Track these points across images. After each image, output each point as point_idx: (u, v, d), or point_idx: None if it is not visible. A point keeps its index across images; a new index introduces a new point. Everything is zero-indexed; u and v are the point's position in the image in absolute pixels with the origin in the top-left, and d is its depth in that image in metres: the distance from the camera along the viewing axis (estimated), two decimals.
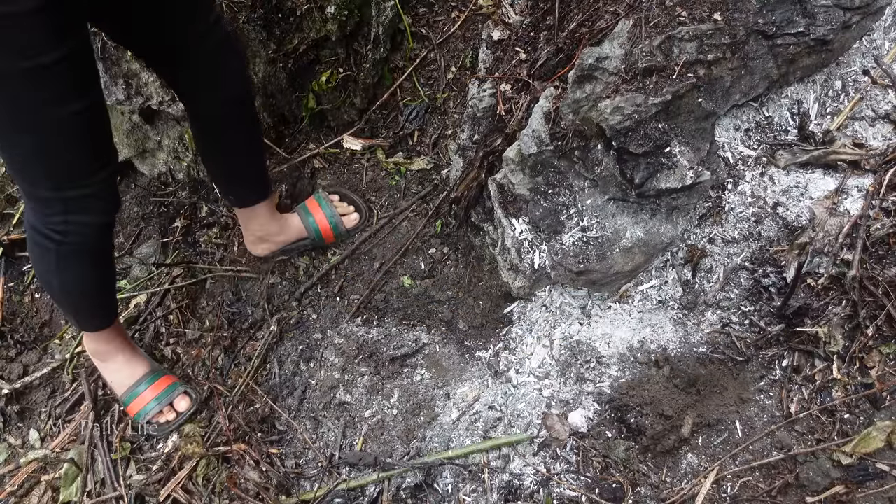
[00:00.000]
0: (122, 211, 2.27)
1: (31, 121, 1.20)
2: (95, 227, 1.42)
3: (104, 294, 1.67)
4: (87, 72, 1.24)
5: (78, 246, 1.45)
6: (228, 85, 1.54)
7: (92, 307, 1.69)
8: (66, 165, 1.29)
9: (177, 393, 1.83)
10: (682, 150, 1.49)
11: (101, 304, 1.69)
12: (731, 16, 1.42)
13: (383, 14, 2.02)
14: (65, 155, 1.27)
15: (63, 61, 1.13)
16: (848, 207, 1.56)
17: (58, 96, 1.17)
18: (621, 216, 1.59)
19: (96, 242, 1.48)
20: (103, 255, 1.55)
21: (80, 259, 1.49)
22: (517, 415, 1.71)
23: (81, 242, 1.44)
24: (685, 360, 1.65)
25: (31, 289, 2.22)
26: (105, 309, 1.71)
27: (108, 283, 1.65)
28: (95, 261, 1.54)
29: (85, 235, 1.43)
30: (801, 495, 1.49)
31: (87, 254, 1.50)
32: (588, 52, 1.47)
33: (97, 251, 1.51)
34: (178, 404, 1.83)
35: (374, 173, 2.16)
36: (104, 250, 1.55)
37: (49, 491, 1.80)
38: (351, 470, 1.72)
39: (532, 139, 1.56)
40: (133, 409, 1.81)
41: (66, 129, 1.23)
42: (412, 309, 1.93)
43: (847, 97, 1.61)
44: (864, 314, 1.52)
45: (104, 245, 1.53)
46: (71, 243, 1.43)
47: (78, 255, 1.48)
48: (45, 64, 1.10)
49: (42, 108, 1.17)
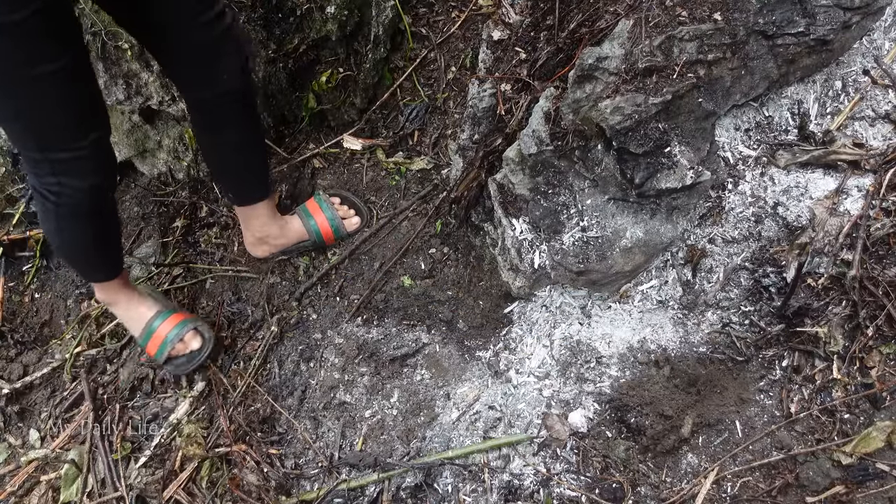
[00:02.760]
0: (123, 211, 2.27)
1: (6, 81, 1.18)
2: (87, 189, 1.42)
3: (107, 249, 1.69)
4: (65, 31, 1.21)
5: (74, 207, 1.45)
6: (227, 79, 1.53)
7: (95, 262, 1.72)
8: (51, 128, 1.28)
9: (187, 329, 1.86)
10: (682, 150, 1.49)
11: (104, 259, 1.72)
12: (732, 16, 1.42)
13: (383, 14, 2.02)
14: (47, 117, 1.26)
15: (36, 16, 1.09)
16: (848, 207, 1.56)
17: (31, 56, 1.14)
18: (621, 216, 1.59)
19: (92, 204, 1.48)
20: (101, 215, 1.56)
21: (77, 219, 1.51)
22: (517, 415, 1.71)
23: (76, 204, 1.44)
24: (685, 360, 1.65)
25: (31, 289, 2.22)
26: (109, 262, 1.73)
27: (110, 240, 1.67)
28: (94, 221, 1.55)
29: (78, 198, 1.43)
30: (801, 495, 1.49)
31: (85, 215, 1.50)
32: (588, 52, 1.47)
33: (94, 212, 1.52)
34: (190, 342, 1.86)
35: (374, 173, 2.16)
36: (101, 211, 1.54)
37: (49, 491, 1.80)
38: (351, 470, 1.72)
39: (532, 139, 1.56)
40: (152, 349, 1.85)
41: (44, 90, 1.20)
42: (412, 309, 1.93)
43: (847, 97, 1.61)
44: (864, 314, 1.52)
45: (101, 206, 1.53)
46: (66, 204, 1.44)
47: (75, 215, 1.49)
48: (16, 21, 1.08)
49: (15, 68, 1.15)
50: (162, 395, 1.94)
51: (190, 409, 1.85)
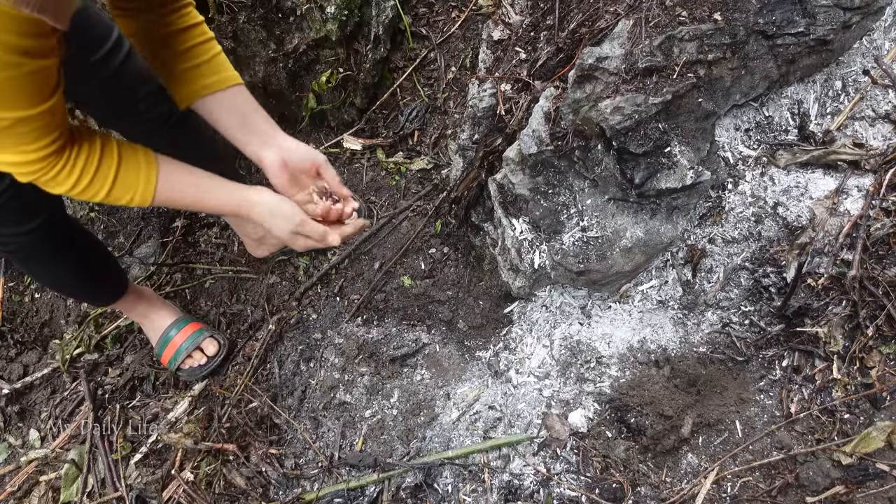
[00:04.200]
0: (123, 211, 2.27)
1: None
2: (26, 233, 1.37)
3: (96, 273, 1.66)
4: None
5: (29, 252, 1.42)
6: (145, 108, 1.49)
7: (91, 290, 1.71)
8: None
9: (203, 337, 1.89)
10: (682, 150, 1.49)
11: (99, 284, 1.70)
12: (732, 16, 1.42)
13: (383, 14, 2.02)
14: None
15: None
16: (848, 207, 1.56)
17: None
18: (621, 216, 1.59)
19: (43, 245, 1.43)
20: (62, 252, 1.50)
21: (41, 261, 1.47)
22: (517, 415, 1.71)
23: (27, 249, 1.41)
24: (685, 360, 1.65)
25: (31, 289, 2.22)
26: (105, 285, 1.72)
27: (93, 264, 1.63)
28: (58, 259, 1.50)
29: (23, 243, 1.39)
30: (801, 495, 1.49)
31: (47, 256, 1.46)
32: (588, 52, 1.47)
33: (57, 248, 1.47)
34: (207, 348, 1.89)
35: (374, 173, 2.16)
36: (58, 249, 1.48)
37: (49, 491, 1.80)
38: (351, 470, 1.71)
39: (532, 139, 1.56)
40: (165, 357, 1.88)
41: None
42: (412, 309, 1.92)
43: (847, 97, 1.61)
44: (864, 314, 1.52)
45: (53, 244, 1.46)
46: (17, 252, 1.41)
47: (38, 259, 1.45)
48: None
49: None
50: (163, 395, 1.94)
51: (189, 408, 1.85)
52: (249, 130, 1.30)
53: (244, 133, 1.30)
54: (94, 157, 1.11)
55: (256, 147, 1.30)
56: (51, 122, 1.01)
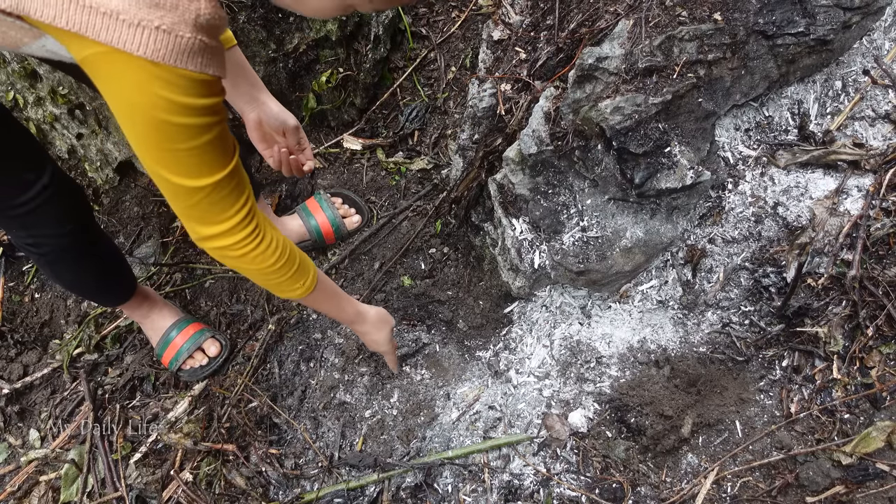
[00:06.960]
0: (123, 211, 2.27)
1: None
2: (57, 236, 1.41)
3: (111, 278, 1.70)
4: None
5: (59, 254, 1.45)
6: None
7: (104, 293, 1.75)
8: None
9: (204, 338, 1.89)
10: (682, 150, 1.49)
11: (111, 288, 1.73)
12: (732, 16, 1.42)
13: (383, 14, 2.02)
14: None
15: None
16: (848, 207, 1.56)
17: None
18: (621, 216, 1.59)
19: (71, 246, 1.46)
20: (88, 255, 1.54)
21: (67, 263, 1.51)
22: (517, 415, 1.71)
23: (59, 251, 1.44)
24: (685, 360, 1.65)
25: (31, 289, 2.22)
26: (117, 289, 1.75)
27: (110, 270, 1.67)
28: (86, 259, 1.54)
29: (58, 245, 1.43)
30: (801, 495, 1.49)
31: (75, 259, 1.50)
32: (588, 52, 1.47)
33: (79, 254, 1.51)
34: (209, 349, 1.89)
35: (374, 173, 2.16)
36: (85, 252, 1.53)
37: (49, 491, 1.80)
38: (351, 470, 1.71)
39: (532, 139, 1.56)
40: (166, 358, 1.88)
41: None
42: (412, 309, 1.92)
43: (847, 97, 1.61)
44: (864, 314, 1.52)
45: (82, 246, 1.51)
46: (49, 254, 1.44)
47: (65, 260, 1.49)
48: None
49: None
50: (163, 394, 1.93)
51: (189, 408, 1.85)
52: (240, 91, 1.44)
53: (235, 92, 1.44)
54: (280, 237, 1.15)
55: (242, 104, 1.46)
56: (240, 181, 1.01)
